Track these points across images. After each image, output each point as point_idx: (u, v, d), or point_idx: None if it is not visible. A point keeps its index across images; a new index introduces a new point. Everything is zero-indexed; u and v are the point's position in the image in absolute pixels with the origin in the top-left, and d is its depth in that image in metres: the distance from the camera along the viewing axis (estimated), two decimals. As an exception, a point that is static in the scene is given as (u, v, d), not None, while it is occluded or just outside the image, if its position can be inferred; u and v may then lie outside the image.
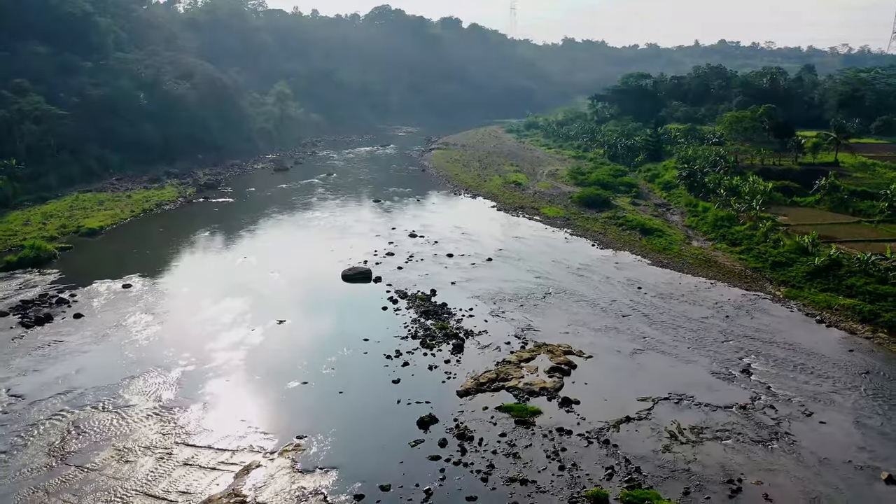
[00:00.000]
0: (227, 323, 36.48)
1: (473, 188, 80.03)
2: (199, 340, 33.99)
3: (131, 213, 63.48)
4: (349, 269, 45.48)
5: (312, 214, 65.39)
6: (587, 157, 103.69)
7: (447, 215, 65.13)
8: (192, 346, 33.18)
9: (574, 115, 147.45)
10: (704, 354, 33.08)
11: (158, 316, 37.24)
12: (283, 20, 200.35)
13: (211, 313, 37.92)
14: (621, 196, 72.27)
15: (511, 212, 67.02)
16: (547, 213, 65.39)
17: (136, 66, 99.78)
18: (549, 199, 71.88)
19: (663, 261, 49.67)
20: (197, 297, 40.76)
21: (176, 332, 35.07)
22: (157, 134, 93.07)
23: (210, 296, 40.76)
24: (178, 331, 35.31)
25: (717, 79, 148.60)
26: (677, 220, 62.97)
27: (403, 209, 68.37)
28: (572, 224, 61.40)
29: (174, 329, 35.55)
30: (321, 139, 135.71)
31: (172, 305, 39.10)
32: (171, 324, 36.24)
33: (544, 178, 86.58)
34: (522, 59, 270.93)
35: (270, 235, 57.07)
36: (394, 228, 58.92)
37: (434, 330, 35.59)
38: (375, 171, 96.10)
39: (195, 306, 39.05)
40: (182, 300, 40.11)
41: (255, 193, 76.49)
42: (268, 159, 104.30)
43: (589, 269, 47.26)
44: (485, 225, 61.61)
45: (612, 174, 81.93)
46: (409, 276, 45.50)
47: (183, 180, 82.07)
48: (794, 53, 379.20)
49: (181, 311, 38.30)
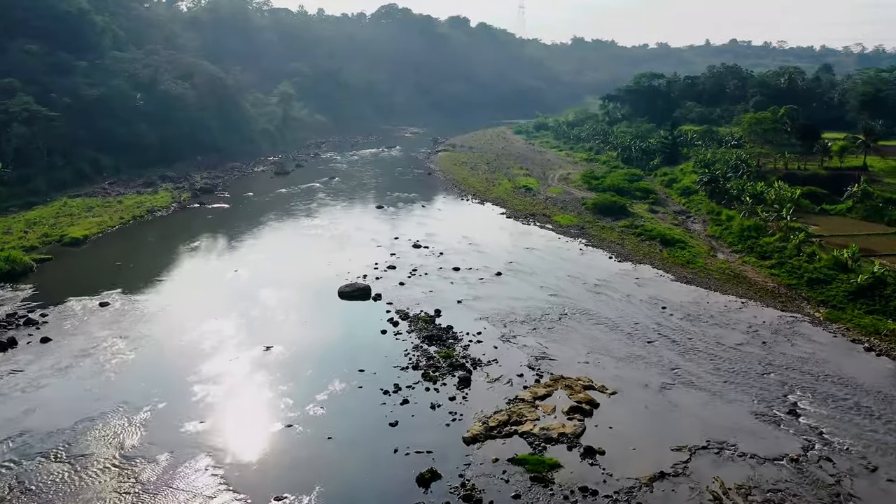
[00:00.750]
0: (209, 350, 32.89)
1: (481, 193, 76.28)
2: (176, 371, 30.41)
3: (120, 221, 60.03)
4: (347, 286, 41.83)
5: (311, 222, 61.79)
6: (600, 159, 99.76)
7: (453, 223, 61.43)
8: (167, 379, 29.59)
9: (585, 115, 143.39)
10: (743, 390, 29.25)
11: (133, 341, 33.67)
12: (288, 19, 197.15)
13: (192, 337, 34.35)
14: (638, 203, 68.33)
15: (521, 219, 63.24)
16: (560, 222, 61.58)
17: (134, 66, 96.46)
18: (562, 206, 68.03)
19: (688, 276, 45.78)
20: (179, 317, 37.21)
21: (150, 362, 31.52)
22: (153, 135, 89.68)
23: (194, 316, 37.19)
24: (152, 360, 31.76)
25: (732, 79, 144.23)
26: (699, 230, 59.04)
27: (407, 216, 64.69)
28: (587, 233, 57.55)
29: (148, 357, 31.99)
30: (325, 140, 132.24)
31: (150, 328, 35.55)
32: (146, 351, 32.68)
33: (555, 182, 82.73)
34: (531, 58, 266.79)
35: (265, 246, 53.46)
36: (396, 238, 55.25)
37: (438, 359, 31.89)
38: (379, 175, 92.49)
39: (176, 329, 35.49)
40: (162, 322, 36.56)
41: (253, 199, 72.99)
42: (269, 162, 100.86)
43: (607, 286, 43.44)
44: (494, 234, 57.88)
45: (628, 179, 78.01)
46: (412, 292, 41.83)
47: (179, 184, 78.68)
48: (806, 53, 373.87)
49: (159, 334, 34.75)
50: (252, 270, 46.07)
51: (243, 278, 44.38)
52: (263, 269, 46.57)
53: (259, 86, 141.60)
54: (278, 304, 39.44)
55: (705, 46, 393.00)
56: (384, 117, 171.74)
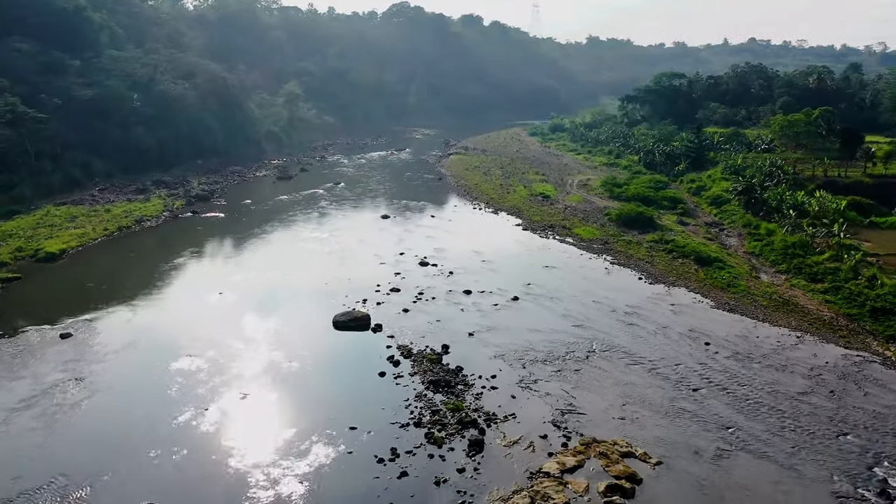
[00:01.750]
0: (176, 398, 27.99)
1: (495, 201, 71.08)
2: (133, 429, 25.48)
3: (104, 232, 55.38)
4: (343, 314, 36.81)
5: (310, 234, 56.84)
6: (620, 164, 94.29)
7: (465, 236, 56.32)
8: (120, 440, 24.67)
9: (603, 116, 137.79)
10: (817, 460, 23.95)
11: (89, 386, 28.82)
12: (297, 18, 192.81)
13: (158, 381, 29.46)
14: (666, 213, 62.88)
15: (539, 232, 58.01)
16: (581, 235, 56.26)
17: (132, 65, 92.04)
18: (583, 217, 62.69)
19: (730, 302, 40.38)
20: (148, 354, 32.36)
21: (104, 415, 26.64)
22: (151, 138, 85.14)
23: (165, 352, 32.32)
24: (107, 411, 26.88)
25: (757, 78, 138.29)
26: (735, 245, 53.57)
27: (415, 228, 59.62)
28: (612, 249, 52.23)
29: (103, 408, 27.12)
30: (333, 142, 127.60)
31: (113, 368, 30.70)
32: (102, 399, 27.80)
33: (574, 189, 77.38)
34: (546, 58, 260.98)
35: (256, 263, 48.53)
36: (402, 254, 50.19)
37: (445, 412, 26.80)
38: (387, 180, 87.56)
39: (141, 370, 30.64)
40: (127, 360, 31.71)
41: (251, 207, 68.18)
42: (272, 166, 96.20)
43: (639, 314, 38.18)
44: (509, 249, 52.75)
45: (653, 186, 72.51)
46: (417, 322, 36.78)
47: (173, 190, 74.07)
48: (827, 52, 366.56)
49: (121, 377, 29.90)
50: (239, 293, 41.16)
51: (228, 303, 39.46)
52: (252, 290, 41.68)
53: (266, 86, 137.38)
54: (263, 337, 34.49)
55: (723, 46, 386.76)
56: (395, 118, 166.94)
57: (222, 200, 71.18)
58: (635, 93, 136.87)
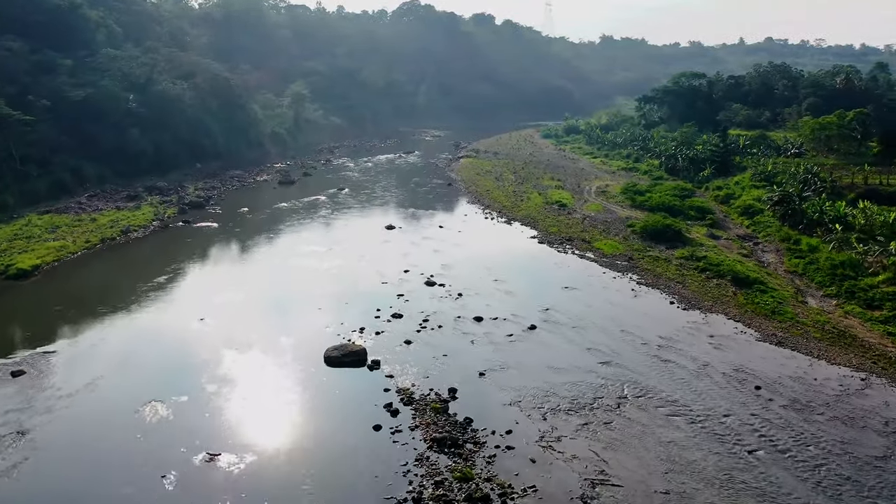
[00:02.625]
0: (133, 458, 23.49)
1: (508, 210, 66.36)
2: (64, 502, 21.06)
3: (85, 245, 51.12)
4: (336, 348, 32.23)
5: (307, 248, 52.28)
6: (640, 168, 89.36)
7: (476, 250, 51.67)
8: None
9: (620, 118, 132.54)
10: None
11: (27, 444, 24.35)
12: (305, 16, 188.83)
13: (112, 435, 24.99)
14: (694, 225, 57.93)
15: (556, 245, 53.25)
16: (603, 250, 51.43)
17: (129, 64, 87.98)
18: (604, 228, 57.84)
19: (777, 333, 35.48)
20: (107, 398, 27.91)
21: (42, 485, 22.21)
22: (146, 141, 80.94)
23: (128, 394, 27.88)
24: (47, 480, 22.45)
25: (781, 78, 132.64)
26: (773, 262, 48.58)
27: (422, 240, 54.98)
28: (638, 266, 47.39)
29: (44, 475, 22.66)
30: (339, 145, 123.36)
31: (62, 418, 26.25)
32: (42, 462, 23.37)
33: (593, 196, 72.51)
34: (558, 57, 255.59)
35: (245, 282, 44.03)
36: (407, 271, 45.56)
37: (451, 482, 22.17)
38: (393, 186, 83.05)
39: (95, 419, 26.17)
40: (82, 406, 27.25)
41: (247, 216, 63.82)
42: (274, 170, 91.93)
43: (674, 347, 33.40)
44: (524, 266, 48.07)
45: (678, 194, 67.49)
46: (421, 356, 32.19)
47: (167, 197, 69.81)
48: (846, 51, 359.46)
49: (70, 431, 25.45)
50: (221, 319, 36.68)
51: (207, 332, 34.98)
52: (237, 316, 37.19)
53: (271, 86, 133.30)
54: (243, 377, 29.98)
55: (739, 45, 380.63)
56: (404, 119, 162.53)
57: (217, 208, 66.90)
58: (653, 93, 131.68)
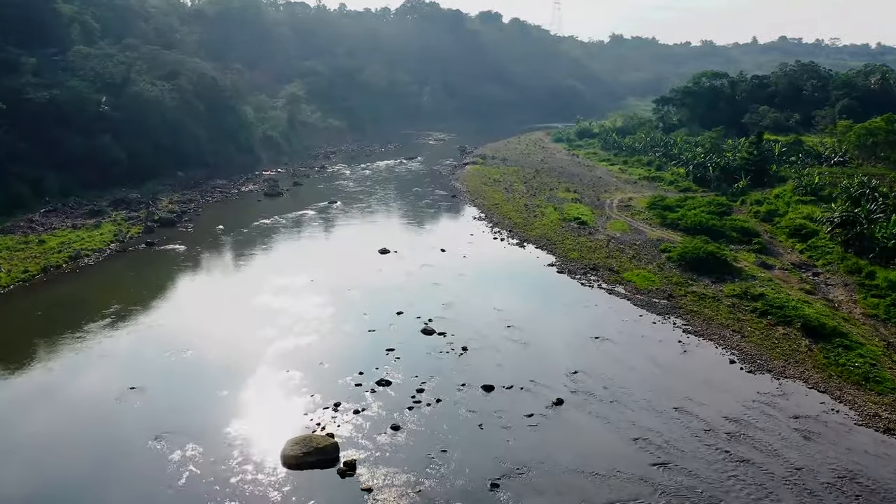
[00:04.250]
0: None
1: (520, 228, 58.12)
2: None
3: (22, 275, 42.93)
4: (299, 443, 23.91)
5: (283, 280, 43.88)
6: (663, 178, 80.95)
7: (483, 282, 43.49)
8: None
9: (636, 121, 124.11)
10: None
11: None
12: (305, 14, 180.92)
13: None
14: (739, 250, 49.58)
15: (579, 276, 44.96)
16: (635, 283, 43.07)
17: (103, 63, 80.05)
18: (633, 254, 49.47)
19: (881, 413, 27.07)
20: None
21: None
22: (120, 148, 72.75)
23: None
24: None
25: (809, 78, 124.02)
26: (843, 300, 40.21)
27: (420, 270, 46.70)
28: (680, 307, 39.05)
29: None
30: (337, 149, 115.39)
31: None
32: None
33: (615, 211, 64.16)
34: (568, 57, 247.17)
35: (198, 334, 35.39)
36: (400, 313, 37.38)
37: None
38: (392, 198, 74.95)
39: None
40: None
41: (221, 236, 55.74)
42: (263, 178, 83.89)
43: (749, 436, 25.10)
44: (543, 305, 39.84)
45: (714, 211, 59.02)
46: (412, 452, 23.99)
47: (135, 212, 61.69)
48: (862, 50, 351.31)
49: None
50: (155, 390, 28.40)
51: (133, 412, 26.78)
52: (174, 388, 28.84)
53: (267, 87, 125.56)
54: (168, 481, 21.86)
55: (752, 44, 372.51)
56: (407, 121, 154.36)
57: (191, 225, 58.88)
58: (672, 94, 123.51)
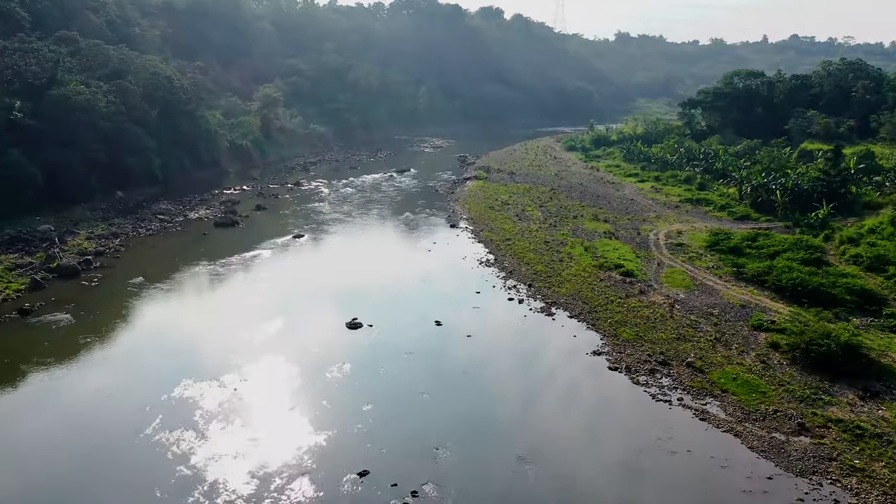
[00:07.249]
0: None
1: (544, 281, 42.83)
2: None
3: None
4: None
5: (198, 390, 28.43)
6: (711, 200, 65.64)
7: (498, 392, 28.30)
8: None
9: (662, 127, 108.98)
10: None
11: None
12: (291, 9, 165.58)
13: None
14: (870, 327, 34.37)
15: (643, 376, 29.71)
16: (737, 395, 27.69)
17: (24, 60, 64.76)
18: (715, 333, 34.01)
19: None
20: None
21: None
22: (35, 165, 57.56)
23: None
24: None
25: (858, 78, 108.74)
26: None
27: (403, 361, 31.46)
28: (830, 457, 23.79)
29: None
30: (320, 159, 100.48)
31: None
32: None
33: (664, 253, 48.86)
34: (573, 56, 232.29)
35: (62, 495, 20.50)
36: (364, 473, 22.18)
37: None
38: (375, 227, 59.84)
39: None
40: None
41: (134, 297, 40.29)
42: (220, 200, 68.65)
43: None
44: (594, 445, 24.63)
45: (806, 259, 43.40)
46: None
47: (29, 255, 46.42)
48: (876, 49, 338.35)
49: None
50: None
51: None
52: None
53: (242, 89, 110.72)
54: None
55: (762, 43, 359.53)
56: (402, 125, 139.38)
57: (99, 275, 43.62)
58: (700, 96, 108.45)
